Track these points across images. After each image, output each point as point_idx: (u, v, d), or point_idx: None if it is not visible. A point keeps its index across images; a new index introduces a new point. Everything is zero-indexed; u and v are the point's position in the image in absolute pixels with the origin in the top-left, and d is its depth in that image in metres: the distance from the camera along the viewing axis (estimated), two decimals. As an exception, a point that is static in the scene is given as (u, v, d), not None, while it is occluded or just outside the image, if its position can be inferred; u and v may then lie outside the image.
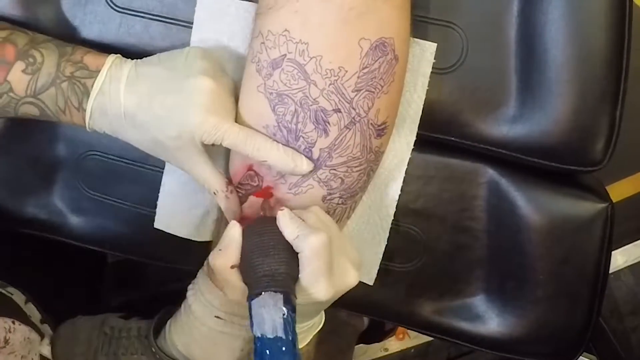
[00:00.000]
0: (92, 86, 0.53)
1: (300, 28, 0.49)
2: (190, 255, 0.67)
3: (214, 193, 0.56)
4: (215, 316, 0.60)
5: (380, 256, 0.65)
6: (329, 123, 0.51)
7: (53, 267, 0.78)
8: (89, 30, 0.62)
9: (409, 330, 1.30)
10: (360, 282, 0.66)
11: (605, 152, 0.61)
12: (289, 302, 0.46)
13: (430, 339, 1.19)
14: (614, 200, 0.64)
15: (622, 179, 1.26)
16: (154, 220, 0.67)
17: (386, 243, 0.65)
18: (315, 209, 0.53)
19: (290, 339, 0.45)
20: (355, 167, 0.53)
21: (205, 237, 0.67)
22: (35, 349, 0.57)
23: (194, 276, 0.64)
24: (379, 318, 0.70)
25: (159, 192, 0.66)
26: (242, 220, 0.55)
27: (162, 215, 0.67)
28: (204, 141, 0.52)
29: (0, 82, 0.53)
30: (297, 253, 0.49)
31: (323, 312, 0.58)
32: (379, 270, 0.66)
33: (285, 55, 0.50)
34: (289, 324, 0.45)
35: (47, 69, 0.53)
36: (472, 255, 0.67)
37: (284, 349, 0.44)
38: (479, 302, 0.68)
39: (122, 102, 0.52)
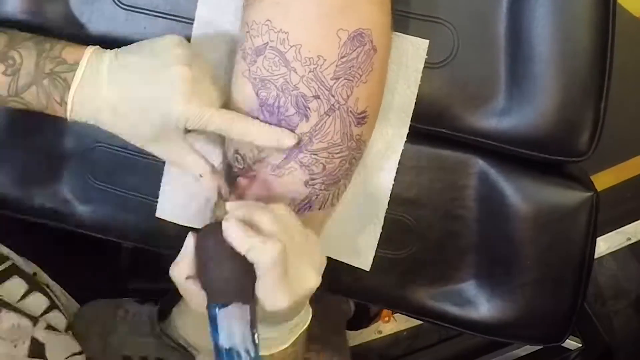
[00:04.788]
0: (72, 79, 0.52)
1: (281, 18, 0.51)
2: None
3: (200, 176, 0.56)
4: None
5: (376, 243, 0.67)
6: (309, 108, 0.52)
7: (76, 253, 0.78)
8: (96, 27, 0.64)
9: (394, 314, 1.31)
10: (356, 268, 0.68)
11: (590, 144, 0.63)
12: (254, 315, 0.45)
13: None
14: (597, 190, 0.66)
15: (605, 169, 1.28)
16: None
17: (381, 231, 0.67)
18: (276, 206, 0.51)
19: (258, 350, 0.45)
20: (337, 153, 0.55)
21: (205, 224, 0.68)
22: (27, 334, 0.57)
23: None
24: (373, 303, 0.72)
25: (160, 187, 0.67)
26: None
27: (164, 205, 0.68)
28: (188, 127, 0.52)
29: None
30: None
31: (309, 309, 0.57)
32: (373, 257, 0.67)
33: (267, 43, 0.51)
34: (256, 337, 0.45)
35: (26, 69, 0.52)
36: (462, 242, 0.68)
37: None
38: (469, 287, 0.69)
39: (104, 94, 0.52)
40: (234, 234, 0.47)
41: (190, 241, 0.49)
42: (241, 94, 0.55)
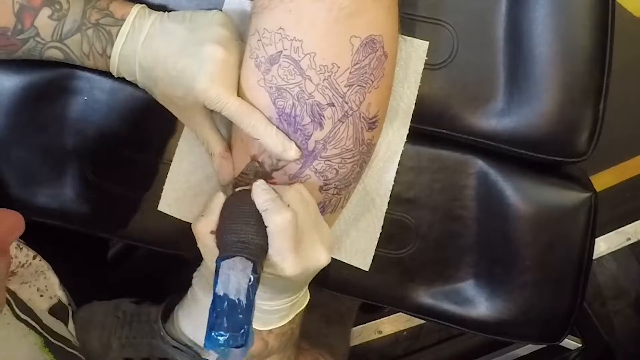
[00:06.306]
0: (117, 34, 0.54)
1: (294, 26, 0.51)
2: (195, 243, 0.69)
3: (211, 154, 0.58)
4: None
5: (375, 243, 0.67)
6: (323, 116, 0.53)
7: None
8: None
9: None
10: (356, 267, 0.68)
11: (589, 144, 0.63)
12: (256, 272, 0.47)
13: (422, 322, 1.20)
14: (597, 190, 0.66)
15: (605, 169, 1.28)
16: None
17: (381, 231, 0.67)
18: (298, 185, 0.54)
19: (250, 306, 0.45)
20: (349, 158, 0.55)
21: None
22: (54, 290, 0.58)
23: (199, 264, 0.66)
24: (373, 302, 0.72)
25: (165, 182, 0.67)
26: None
27: (167, 200, 0.68)
28: (206, 106, 0.54)
29: (27, 27, 0.53)
30: None
31: (307, 291, 0.59)
32: (373, 257, 0.68)
33: (281, 51, 0.52)
34: (252, 291, 0.46)
35: (73, 16, 0.53)
36: (462, 242, 0.68)
37: (240, 312, 0.44)
38: (468, 286, 0.69)
39: (139, 55, 0.54)
40: (259, 193, 0.50)
41: (218, 200, 0.52)
42: (258, 103, 0.54)
